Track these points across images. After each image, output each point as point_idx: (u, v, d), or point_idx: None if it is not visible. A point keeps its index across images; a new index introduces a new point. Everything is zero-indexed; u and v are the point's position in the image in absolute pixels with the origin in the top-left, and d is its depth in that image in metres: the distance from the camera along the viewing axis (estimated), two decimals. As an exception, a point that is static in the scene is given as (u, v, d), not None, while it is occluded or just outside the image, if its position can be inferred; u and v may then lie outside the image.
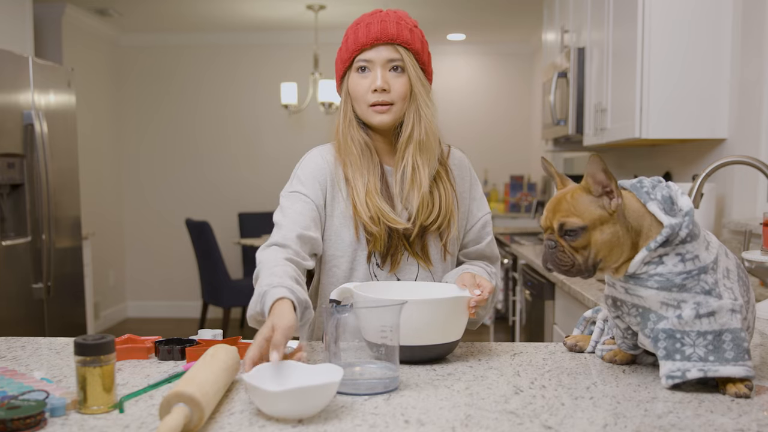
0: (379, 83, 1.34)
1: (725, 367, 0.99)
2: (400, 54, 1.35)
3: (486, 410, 0.94)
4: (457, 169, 1.47)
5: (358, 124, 1.40)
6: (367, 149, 1.39)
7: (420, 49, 1.37)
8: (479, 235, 1.49)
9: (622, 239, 1.03)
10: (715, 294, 1.01)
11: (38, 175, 3.36)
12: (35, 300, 3.37)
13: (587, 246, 1.04)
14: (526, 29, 5.74)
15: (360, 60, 1.36)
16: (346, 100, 1.41)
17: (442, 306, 1.14)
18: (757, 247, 2.23)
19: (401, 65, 1.35)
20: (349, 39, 1.38)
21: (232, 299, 4.80)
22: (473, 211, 1.49)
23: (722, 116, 2.50)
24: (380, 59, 1.35)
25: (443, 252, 1.42)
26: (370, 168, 1.38)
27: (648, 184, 1.06)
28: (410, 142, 1.37)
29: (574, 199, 1.05)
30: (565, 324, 2.50)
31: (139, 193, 6.15)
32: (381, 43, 1.34)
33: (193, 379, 0.91)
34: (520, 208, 6.02)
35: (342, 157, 1.40)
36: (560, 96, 3.50)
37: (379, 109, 1.36)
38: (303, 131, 6.04)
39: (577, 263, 1.05)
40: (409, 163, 1.37)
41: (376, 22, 1.35)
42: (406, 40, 1.35)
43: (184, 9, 5.23)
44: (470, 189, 1.49)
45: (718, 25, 2.47)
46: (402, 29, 1.35)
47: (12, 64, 3.25)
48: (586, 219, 1.03)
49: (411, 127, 1.37)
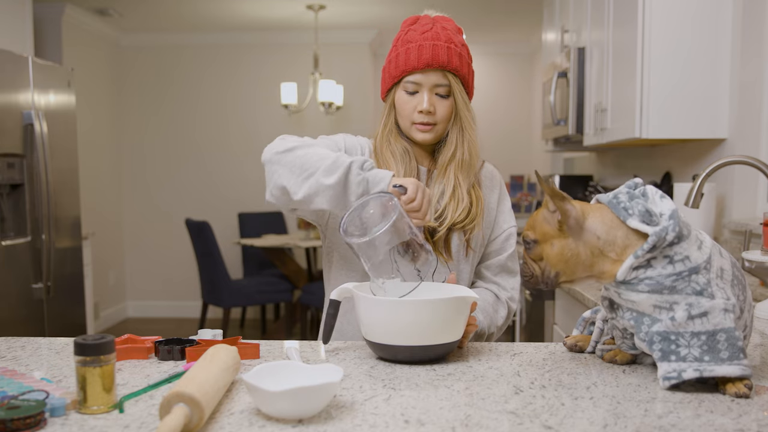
0: (425, 106, 1.37)
1: (721, 366, 0.99)
2: (448, 80, 1.38)
3: (486, 410, 0.94)
4: (488, 181, 1.51)
5: (398, 134, 1.44)
6: (406, 154, 1.43)
7: (467, 73, 1.41)
8: (502, 247, 1.51)
9: (577, 252, 1.06)
10: (707, 294, 1.01)
11: (38, 175, 3.36)
12: (35, 300, 3.37)
13: (542, 258, 1.11)
14: (526, 29, 5.74)
15: (409, 81, 1.38)
16: (390, 110, 1.44)
17: (442, 306, 1.14)
18: (757, 247, 2.23)
19: (448, 90, 1.38)
20: (400, 55, 1.39)
21: (232, 299, 4.80)
22: (499, 222, 1.51)
23: (722, 116, 2.50)
24: (428, 83, 1.37)
25: (466, 248, 1.44)
26: (407, 172, 1.42)
27: (624, 199, 1.07)
28: (453, 160, 1.41)
29: (536, 214, 1.12)
30: (565, 324, 2.50)
31: (139, 193, 6.15)
32: (431, 69, 1.36)
33: (193, 379, 0.91)
34: (520, 208, 6.02)
35: (379, 164, 1.43)
36: (560, 96, 3.50)
37: (422, 128, 1.39)
38: (303, 131, 6.04)
39: (535, 274, 1.12)
40: (451, 181, 1.41)
41: (428, 46, 1.36)
42: (456, 67, 1.37)
43: (184, 9, 5.23)
44: (499, 201, 1.52)
45: (718, 25, 2.47)
46: (452, 55, 1.37)
47: (12, 64, 3.25)
48: (538, 233, 1.11)
49: (455, 147, 1.41)
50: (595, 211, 1.08)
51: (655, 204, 1.07)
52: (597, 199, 1.12)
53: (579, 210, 1.07)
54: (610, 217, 1.07)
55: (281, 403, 0.89)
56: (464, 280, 1.45)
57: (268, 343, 1.32)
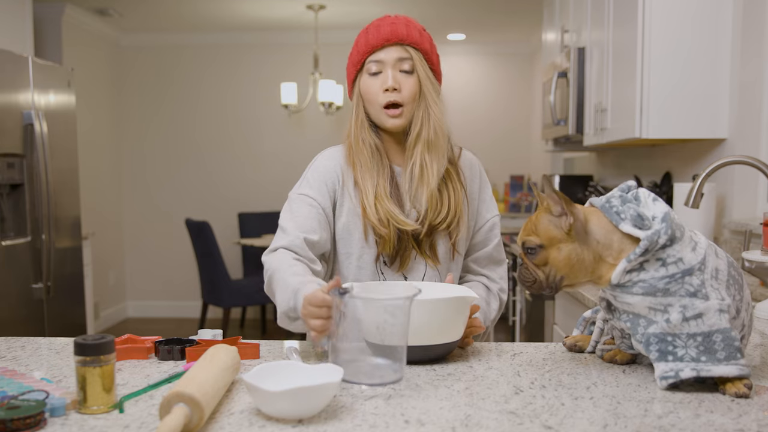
0: (390, 83, 1.36)
1: (718, 366, 0.99)
2: (409, 54, 1.37)
3: (486, 410, 0.94)
4: (468, 170, 1.49)
5: (369, 126, 1.43)
6: (377, 152, 1.41)
7: (429, 50, 1.40)
8: (487, 237, 1.50)
9: (583, 257, 1.06)
10: (701, 295, 1.01)
11: (38, 175, 3.36)
12: (35, 300, 3.37)
13: (547, 263, 1.09)
14: (526, 29, 5.74)
15: (371, 61, 1.39)
16: (358, 103, 1.43)
17: (442, 306, 1.14)
18: (757, 247, 2.23)
19: (411, 65, 1.38)
20: (359, 42, 1.41)
21: (232, 299, 4.80)
22: (482, 213, 1.50)
23: (722, 116, 2.50)
24: (390, 59, 1.37)
25: (452, 251, 1.43)
26: (380, 170, 1.40)
27: (617, 204, 1.08)
28: (419, 140, 1.39)
29: (537, 219, 1.10)
30: (565, 324, 2.50)
31: (139, 193, 6.15)
32: (391, 44, 1.37)
33: (193, 379, 0.91)
34: (520, 208, 6.02)
35: (353, 158, 1.42)
36: (560, 96, 3.50)
37: (391, 113, 1.38)
38: (303, 131, 6.04)
39: (539, 279, 1.10)
40: (417, 162, 1.38)
41: (386, 24, 1.38)
42: (416, 41, 1.38)
43: (184, 9, 5.23)
44: (480, 191, 1.50)
45: (718, 25, 2.47)
46: (411, 30, 1.38)
47: (12, 64, 3.25)
48: (543, 238, 1.08)
49: (420, 126, 1.39)
50: (592, 215, 1.08)
51: (648, 207, 1.07)
52: (590, 203, 1.12)
53: (582, 213, 1.07)
54: (606, 221, 1.07)
55: (281, 403, 0.89)
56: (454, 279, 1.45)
57: (268, 343, 1.32)
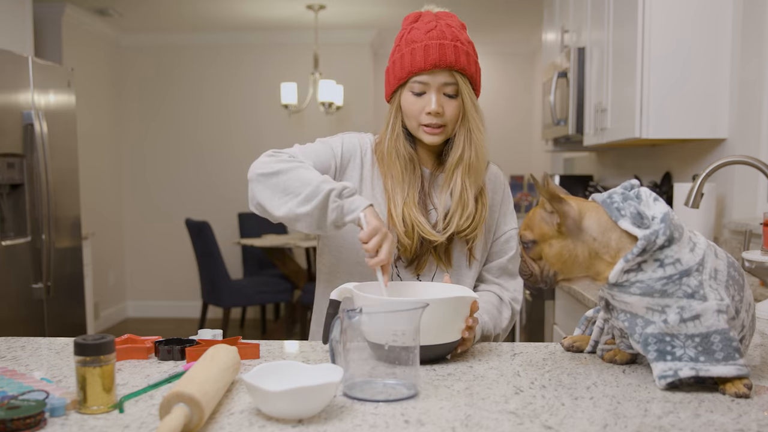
0: (433, 107, 1.34)
1: (716, 367, 0.99)
2: (455, 79, 1.35)
3: (486, 410, 0.94)
4: (492, 183, 1.50)
5: (405, 138, 1.41)
6: (410, 163, 1.40)
7: (474, 72, 1.38)
8: (502, 249, 1.50)
9: (576, 253, 1.07)
10: (699, 296, 1.01)
11: (38, 175, 3.36)
12: (35, 300, 3.37)
13: (541, 258, 1.11)
14: (526, 29, 5.74)
15: (415, 81, 1.35)
16: (396, 113, 1.40)
17: (442, 306, 1.14)
18: (757, 247, 2.23)
19: (455, 89, 1.35)
20: (405, 56, 1.36)
21: (232, 299, 4.80)
22: (500, 225, 1.50)
23: (722, 116, 2.50)
24: (436, 83, 1.34)
25: (468, 257, 1.43)
26: (412, 182, 1.39)
27: (618, 200, 1.07)
28: (460, 163, 1.38)
29: (533, 214, 1.12)
30: (565, 324, 2.50)
31: (139, 193, 6.15)
32: (438, 69, 1.34)
33: (193, 379, 0.91)
34: (520, 208, 6.02)
35: (384, 169, 1.41)
36: (560, 96, 3.50)
37: (429, 131, 1.37)
38: (303, 131, 6.04)
39: (534, 273, 1.13)
40: (458, 185, 1.38)
41: (434, 45, 1.33)
42: (463, 66, 1.35)
43: (184, 9, 5.23)
44: (501, 203, 1.51)
45: (718, 25, 2.47)
46: (459, 54, 1.34)
47: (12, 64, 3.25)
48: (536, 233, 1.11)
49: (462, 149, 1.38)
50: (591, 210, 1.08)
51: (648, 206, 1.07)
52: (593, 198, 1.12)
53: (576, 210, 1.07)
54: (605, 219, 1.06)
55: (281, 403, 0.89)
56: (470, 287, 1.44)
57: (268, 343, 1.32)
